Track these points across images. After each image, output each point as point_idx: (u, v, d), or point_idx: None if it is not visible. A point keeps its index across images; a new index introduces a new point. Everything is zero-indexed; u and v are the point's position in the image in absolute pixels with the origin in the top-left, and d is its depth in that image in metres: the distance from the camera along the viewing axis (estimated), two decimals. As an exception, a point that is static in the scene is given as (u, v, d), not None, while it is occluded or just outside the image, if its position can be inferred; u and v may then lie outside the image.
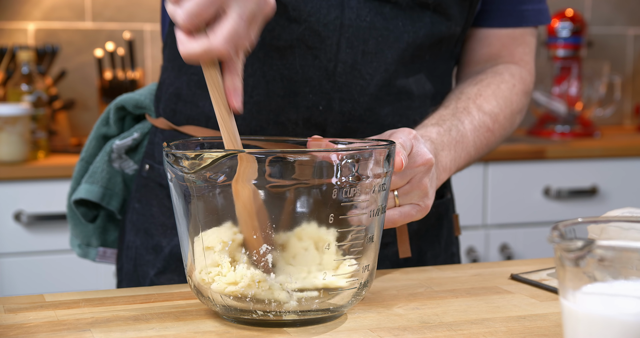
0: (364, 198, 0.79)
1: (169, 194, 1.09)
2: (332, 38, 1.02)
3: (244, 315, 0.79)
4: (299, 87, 1.03)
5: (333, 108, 1.04)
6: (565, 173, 2.55)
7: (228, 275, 0.78)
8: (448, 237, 1.19)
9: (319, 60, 1.02)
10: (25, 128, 2.24)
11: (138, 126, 1.18)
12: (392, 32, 1.04)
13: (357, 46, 1.03)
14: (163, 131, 1.12)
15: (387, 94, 1.06)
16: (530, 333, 0.79)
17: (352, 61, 1.03)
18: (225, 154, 0.74)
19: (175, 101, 1.10)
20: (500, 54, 1.17)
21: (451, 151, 1.02)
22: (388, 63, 1.04)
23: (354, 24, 1.02)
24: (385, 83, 1.05)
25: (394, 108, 1.07)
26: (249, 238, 0.78)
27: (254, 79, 1.03)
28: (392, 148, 0.82)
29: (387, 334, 0.79)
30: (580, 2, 3.12)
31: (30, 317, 0.83)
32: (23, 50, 2.38)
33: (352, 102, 1.04)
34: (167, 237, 1.10)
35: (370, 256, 0.82)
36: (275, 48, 1.02)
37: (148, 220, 1.13)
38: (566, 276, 0.63)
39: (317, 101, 1.03)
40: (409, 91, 1.07)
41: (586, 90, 2.88)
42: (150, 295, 0.91)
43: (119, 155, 1.18)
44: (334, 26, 1.02)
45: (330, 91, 1.03)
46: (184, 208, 0.80)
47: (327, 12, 1.01)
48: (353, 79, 1.03)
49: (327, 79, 1.03)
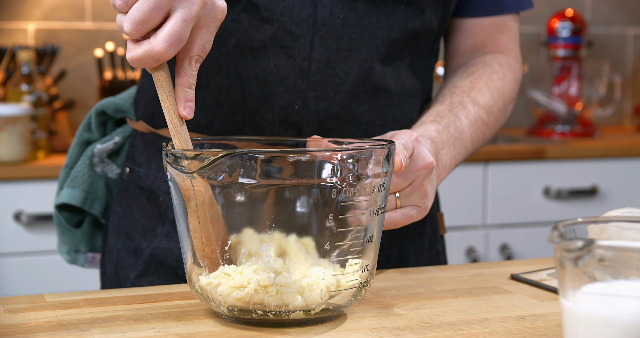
0: (364, 198, 0.79)
1: (149, 196, 1.10)
2: (306, 37, 1.01)
3: (244, 315, 0.79)
4: (274, 87, 1.02)
5: (309, 107, 1.03)
6: (565, 173, 2.55)
7: (235, 278, 0.78)
8: (432, 236, 1.19)
9: (293, 59, 1.02)
10: (25, 128, 2.24)
11: (119, 129, 1.18)
12: (365, 29, 1.03)
13: (330, 44, 1.02)
14: (143, 134, 1.12)
15: (364, 91, 1.05)
16: (530, 333, 0.79)
17: (327, 59, 1.02)
18: (225, 154, 0.74)
19: (152, 105, 1.10)
20: (485, 44, 1.17)
21: (450, 149, 1.03)
22: (362, 60, 1.04)
23: (327, 21, 1.02)
24: (360, 80, 1.04)
25: (371, 106, 1.06)
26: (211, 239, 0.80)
27: (229, 81, 1.03)
28: (392, 148, 0.82)
29: (387, 334, 0.79)
30: (580, 2, 3.12)
31: (30, 317, 0.83)
32: (23, 50, 2.38)
33: (327, 101, 1.04)
34: (147, 239, 1.10)
35: (370, 256, 0.82)
36: (249, 49, 1.02)
37: (129, 222, 1.12)
38: (566, 276, 0.63)
39: (293, 100, 1.03)
40: (387, 88, 1.07)
41: (586, 90, 2.88)
42: (150, 295, 0.91)
43: (101, 159, 1.18)
44: (306, 25, 1.01)
45: (306, 90, 1.03)
46: (183, 208, 0.80)
47: (299, 11, 1.01)
48: (328, 77, 1.03)
49: (302, 78, 1.03)
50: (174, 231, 1.08)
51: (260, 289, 0.77)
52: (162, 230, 1.09)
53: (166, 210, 1.09)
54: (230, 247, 0.79)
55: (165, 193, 1.09)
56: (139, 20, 0.77)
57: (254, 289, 0.77)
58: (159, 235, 1.09)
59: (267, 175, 0.76)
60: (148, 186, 1.11)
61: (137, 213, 1.12)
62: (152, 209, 1.10)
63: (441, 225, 1.20)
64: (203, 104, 1.04)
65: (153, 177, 1.10)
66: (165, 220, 1.09)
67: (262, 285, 0.77)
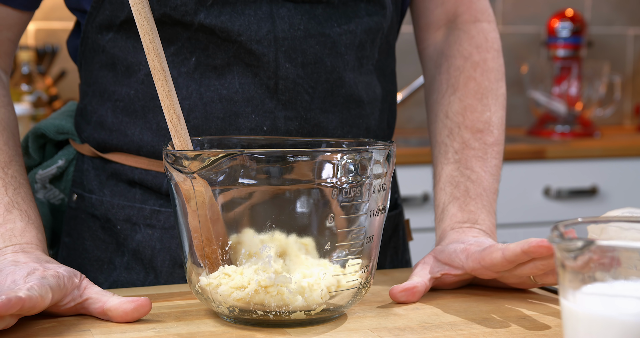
0: (364, 198, 0.79)
1: (103, 225, 1.02)
2: (269, 54, 0.95)
3: (245, 316, 0.79)
4: (239, 107, 0.97)
5: (278, 128, 0.97)
6: (565, 173, 2.55)
7: (235, 278, 0.78)
8: (403, 245, 1.16)
9: (259, 77, 0.96)
10: (25, 128, 2.24)
11: (62, 152, 1.08)
12: (328, 37, 0.98)
13: (295, 59, 0.96)
14: (92, 158, 1.04)
15: (333, 105, 0.99)
16: (530, 333, 0.79)
17: (294, 76, 0.97)
18: (225, 154, 0.74)
19: (99, 131, 1.02)
20: (457, 12, 1.09)
21: (490, 212, 1.00)
22: (329, 72, 0.98)
23: (288, 35, 0.96)
24: (328, 94, 0.99)
25: (342, 119, 1.01)
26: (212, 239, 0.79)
27: (190, 102, 0.97)
28: (392, 148, 0.82)
29: (387, 334, 0.79)
30: (580, 2, 3.12)
31: (30, 317, 0.83)
32: (23, 50, 2.38)
33: (299, 120, 0.98)
34: (104, 273, 1.02)
35: (370, 257, 0.82)
36: (211, 67, 0.96)
37: (80, 255, 1.03)
38: (566, 276, 0.63)
39: (261, 121, 0.97)
40: (358, 98, 1.01)
41: (586, 90, 2.88)
42: (150, 295, 0.91)
43: (43, 185, 1.09)
44: (267, 41, 0.95)
45: (274, 109, 0.97)
46: (183, 208, 0.80)
47: (257, 28, 0.95)
48: (297, 94, 0.97)
49: (270, 97, 0.97)
50: (135, 263, 1.01)
51: (260, 289, 0.77)
52: (121, 261, 1.01)
53: (125, 239, 1.01)
54: (230, 247, 0.79)
55: (123, 220, 1.01)
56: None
57: (254, 289, 0.77)
58: (117, 267, 1.01)
59: (267, 175, 0.76)
60: (102, 214, 1.02)
61: (90, 244, 1.03)
62: (107, 239, 1.02)
63: (408, 232, 1.17)
64: (158, 127, 0.98)
65: (108, 204, 1.02)
66: (124, 250, 1.01)
67: (263, 286, 0.77)
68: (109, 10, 0.98)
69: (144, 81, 0.98)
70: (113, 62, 1.00)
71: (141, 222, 1.00)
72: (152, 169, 1.00)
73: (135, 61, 0.98)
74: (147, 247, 1.00)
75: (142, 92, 0.98)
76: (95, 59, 1.02)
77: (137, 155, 1.00)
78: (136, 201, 1.01)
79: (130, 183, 1.02)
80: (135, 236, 1.01)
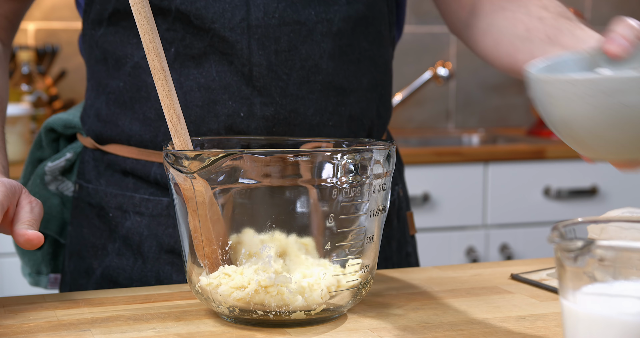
0: (364, 198, 0.79)
1: (98, 213, 1.06)
2: (242, 42, 0.97)
3: (245, 315, 0.79)
4: (217, 95, 0.99)
5: (255, 114, 0.99)
6: (565, 173, 2.55)
7: (236, 278, 0.78)
8: (401, 237, 1.15)
9: (234, 65, 0.98)
10: (25, 128, 2.24)
11: (71, 145, 1.13)
12: (304, 26, 0.99)
13: (268, 46, 0.98)
14: (93, 150, 1.08)
15: (310, 92, 1.00)
16: (530, 333, 0.79)
17: (267, 63, 0.98)
18: (225, 154, 0.74)
19: (97, 123, 1.06)
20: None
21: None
22: (303, 59, 0.99)
23: (262, 23, 0.97)
24: (304, 81, 1.00)
25: (319, 106, 1.01)
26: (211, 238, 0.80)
27: None
28: (392, 148, 0.82)
29: (387, 334, 0.79)
30: (580, 2, 3.12)
31: (30, 317, 0.83)
32: (23, 50, 2.38)
33: (274, 106, 0.99)
34: (98, 258, 1.05)
35: (370, 256, 0.82)
36: (190, 57, 0.99)
37: (80, 242, 1.08)
38: (566, 276, 0.63)
39: (238, 107, 0.99)
40: (338, 85, 1.02)
41: (586, 90, 2.88)
42: (150, 295, 0.91)
43: (54, 177, 1.12)
44: (240, 30, 0.97)
45: (250, 96, 0.99)
46: (183, 208, 0.80)
47: (231, 16, 0.97)
48: (271, 81, 0.99)
49: (246, 84, 0.98)
50: (125, 249, 1.03)
51: (260, 289, 0.77)
52: (113, 247, 1.04)
53: (116, 227, 1.04)
54: (230, 247, 0.79)
55: (115, 208, 1.04)
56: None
57: (254, 289, 0.77)
58: (110, 253, 1.04)
59: (267, 175, 0.76)
60: (97, 202, 1.06)
61: (87, 232, 1.07)
62: (102, 226, 1.05)
63: (411, 225, 1.17)
64: (145, 117, 1.01)
65: (102, 192, 1.05)
66: (115, 237, 1.04)
67: (263, 286, 0.77)
68: (99, 4, 1.02)
69: (131, 73, 1.01)
70: (105, 56, 1.04)
71: (131, 209, 1.03)
72: (141, 159, 1.03)
73: (123, 54, 1.02)
74: (135, 234, 1.03)
75: (130, 84, 1.02)
76: (92, 54, 1.06)
77: (128, 145, 1.04)
78: (128, 189, 1.04)
79: (124, 172, 1.05)
80: (125, 223, 1.03)
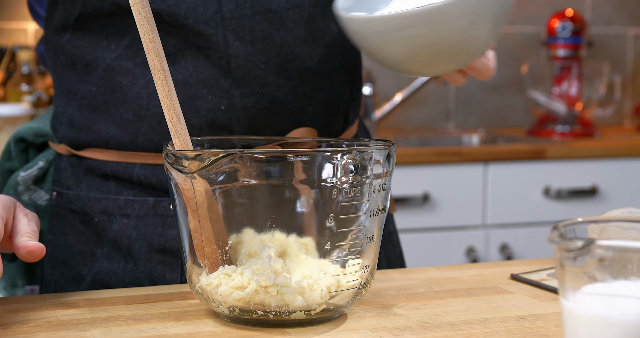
0: (364, 198, 0.79)
1: (82, 219, 1.04)
2: (217, 35, 0.97)
3: (245, 316, 0.79)
4: (196, 90, 0.99)
5: (236, 106, 0.99)
6: (565, 173, 2.55)
7: (235, 278, 0.78)
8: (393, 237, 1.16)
9: (211, 59, 0.98)
10: (25, 128, 2.24)
11: (43, 154, 1.11)
12: (275, 14, 0.99)
13: (244, 37, 0.98)
14: (68, 156, 1.07)
15: (287, 79, 1.01)
16: (530, 333, 0.79)
17: (244, 53, 0.98)
18: (225, 154, 0.74)
19: (70, 130, 1.05)
20: None
21: None
22: (279, 47, 0.99)
23: (235, 14, 0.97)
24: (281, 68, 1.00)
25: (298, 93, 1.02)
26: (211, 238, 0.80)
27: (148, 91, 0.99)
28: (392, 148, 0.82)
29: (387, 334, 0.79)
30: (580, 2, 3.12)
31: (30, 317, 0.83)
32: (23, 50, 2.38)
33: (254, 96, 1.00)
34: (87, 265, 1.04)
35: (370, 256, 0.82)
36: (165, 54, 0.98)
37: (64, 250, 1.06)
38: (566, 276, 0.63)
39: (218, 101, 0.99)
40: (314, 70, 1.02)
41: (586, 90, 2.89)
42: (150, 295, 0.91)
43: (27, 187, 1.10)
44: (214, 23, 0.97)
45: (230, 88, 0.99)
46: (183, 208, 0.80)
47: (203, 10, 0.97)
48: (249, 71, 0.99)
49: (224, 77, 0.99)
50: (114, 252, 1.02)
51: (260, 289, 0.77)
52: (102, 252, 1.03)
53: (103, 231, 1.03)
54: (230, 247, 0.79)
55: (100, 212, 1.03)
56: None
57: (254, 289, 0.77)
58: (99, 258, 1.03)
59: (267, 175, 0.76)
60: (80, 208, 1.05)
61: (72, 239, 1.05)
62: (87, 232, 1.04)
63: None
64: (122, 120, 1.01)
65: (85, 198, 1.04)
66: (103, 241, 1.03)
67: (263, 286, 0.77)
68: (63, 10, 1.01)
69: (103, 77, 1.01)
70: (73, 61, 1.03)
71: (117, 212, 1.03)
72: (122, 161, 1.03)
73: (93, 58, 1.01)
74: (124, 236, 1.02)
75: (103, 88, 1.01)
76: (58, 61, 1.05)
77: (106, 149, 1.03)
78: (111, 192, 1.03)
79: (104, 176, 1.04)
80: (112, 227, 1.03)
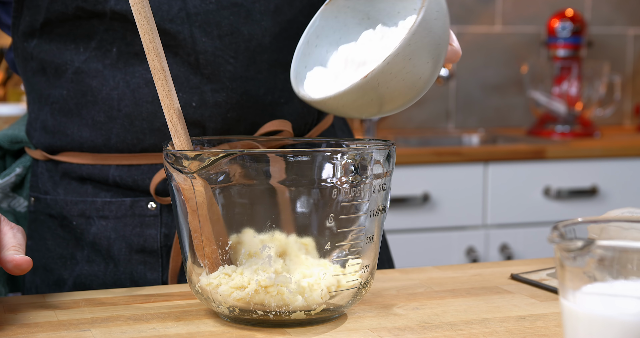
0: (364, 198, 0.79)
1: (61, 223, 1.04)
2: (184, 32, 0.97)
3: (245, 315, 0.79)
4: None
5: (207, 102, 0.99)
6: (565, 173, 2.55)
7: (235, 278, 0.78)
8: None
9: (180, 56, 0.98)
10: (25, 128, 2.24)
11: (20, 160, 1.11)
12: (242, 7, 0.98)
13: (211, 32, 0.97)
14: (45, 161, 1.07)
15: (258, 72, 1.00)
16: (530, 333, 0.79)
17: (212, 49, 0.98)
18: (225, 154, 0.74)
19: (44, 135, 1.04)
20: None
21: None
22: (247, 40, 0.99)
23: (201, 10, 0.97)
24: (251, 62, 1.00)
25: (270, 85, 1.02)
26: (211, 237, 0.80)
27: (119, 91, 0.99)
28: (392, 148, 0.82)
29: (387, 334, 0.79)
30: (580, 2, 3.12)
31: (30, 317, 0.83)
32: (23, 50, 2.38)
33: (225, 91, 0.99)
34: (68, 269, 1.04)
35: (370, 256, 0.82)
36: (133, 54, 0.98)
37: (44, 255, 1.06)
38: (566, 276, 0.63)
39: (189, 98, 0.99)
40: (284, 62, 1.00)
41: (586, 90, 2.89)
42: (150, 295, 0.91)
43: (5, 194, 1.10)
44: (180, 20, 0.96)
45: (200, 84, 0.99)
46: (183, 208, 0.80)
47: (168, 7, 0.96)
48: (219, 66, 0.98)
49: (194, 73, 0.98)
50: (94, 255, 1.02)
51: (260, 289, 0.77)
52: (82, 255, 1.03)
53: (82, 234, 1.03)
54: (230, 247, 0.79)
55: (78, 216, 1.03)
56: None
57: (254, 289, 0.77)
58: (80, 261, 1.03)
59: (267, 175, 0.76)
60: (59, 212, 1.04)
61: (52, 243, 1.05)
62: (66, 236, 1.04)
63: None
64: (94, 122, 1.01)
65: (62, 202, 1.04)
66: (83, 244, 1.03)
67: (263, 286, 0.77)
68: (28, 16, 1.01)
69: (73, 80, 1.01)
70: (43, 66, 1.03)
71: (94, 215, 1.03)
72: (97, 164, 1.02)
73: (62, 61, 1.01)
74: (102, 238, 1.02)
75: (73, 91, 1.01)
76: (28, 66, 1.05)
77: (81, 152, 1.03)
78: (88, 195, 1.03)
79: (80, 179, 1.04)
80: (91, 230, 1.03)
